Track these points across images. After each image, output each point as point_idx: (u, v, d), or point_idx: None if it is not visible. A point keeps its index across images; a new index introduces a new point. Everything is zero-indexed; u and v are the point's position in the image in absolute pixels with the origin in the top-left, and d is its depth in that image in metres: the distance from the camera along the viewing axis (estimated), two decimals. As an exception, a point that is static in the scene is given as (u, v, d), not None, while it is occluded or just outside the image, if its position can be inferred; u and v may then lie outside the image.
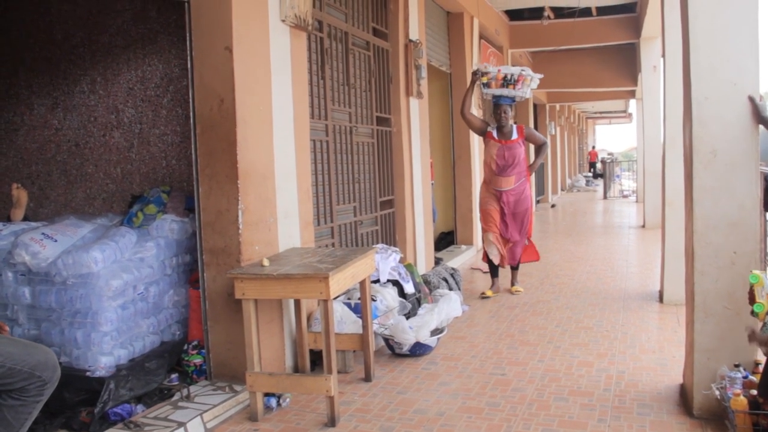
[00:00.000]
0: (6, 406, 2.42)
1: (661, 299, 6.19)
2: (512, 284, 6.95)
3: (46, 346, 2.59)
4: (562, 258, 9.09)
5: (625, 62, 16.02)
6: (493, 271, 6.86)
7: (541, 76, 6.60)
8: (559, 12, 12.46)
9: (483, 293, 6.73)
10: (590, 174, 31.89)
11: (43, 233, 4.10)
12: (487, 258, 6.81)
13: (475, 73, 6.55)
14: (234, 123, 3.95)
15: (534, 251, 7.01)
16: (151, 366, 4.05)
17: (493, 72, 6.46)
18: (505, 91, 6.48)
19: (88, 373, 3.84)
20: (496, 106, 6.57)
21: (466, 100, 6.63)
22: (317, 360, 4.46)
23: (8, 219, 4.52)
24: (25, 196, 4.58)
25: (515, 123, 6.79)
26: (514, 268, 6.94)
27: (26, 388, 2.43)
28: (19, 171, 5.77)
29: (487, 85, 6.51)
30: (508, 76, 6.42)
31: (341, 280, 3.67)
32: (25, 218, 4.59)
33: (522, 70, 6.47)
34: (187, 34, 4.07)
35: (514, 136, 6.55)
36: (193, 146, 4.10)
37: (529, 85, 6.52)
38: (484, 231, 6.73)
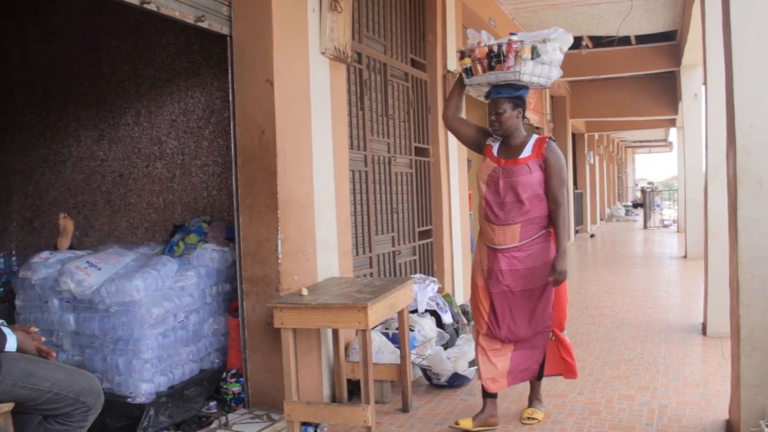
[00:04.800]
0: (52, 430, 2.46)
1: (704, 332, 6.05)
2: (529, 403, 4.13)
3: (90, 373, 2.64)
4: (602, 289, 8.96)
5: (665, 91, 15.89)
6: (485, 390, 3.99)
7: (556, 34, 3.80)
8: (598, 41, 12.44)
9: (455, 423, 3.96)
10: (629, 204, 31.48)
11: (87, 261, 4.20)
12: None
13: (462, 55, 3.95)
14: (274, 154, 4.01)
15: (568, 359, 4.01)
16: (190, 393, 4.09)
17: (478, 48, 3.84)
18: (491, 77, 3.82)
19: (129, 400, 3.88)
20: (490, 104, 3.96)
21: (451, 99, 4.10)
22: (355, 390, 4.44)
23: (55, 247, 4.65)
24: (71, 226, 4.71)
25: (534, 133, 4.17)
26: (536, 378, 4.09)
27: (71, 413, 2.47)
28: (66, 201, 5.93)
29: (470, 71, 3.90)
30: (495, 49, 3.75)
31: (380, 310, 3.68)
32: (71, 247, 4.71)
33: (513, 35, 3.79)
34: (229, 67, 4.17)
35: (526, 153, 3.81)
36: (233, 177, 4.18)
37: (532, 59, 3.71)
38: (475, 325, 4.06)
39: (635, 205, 30.45)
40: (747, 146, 3.45)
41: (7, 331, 2.37)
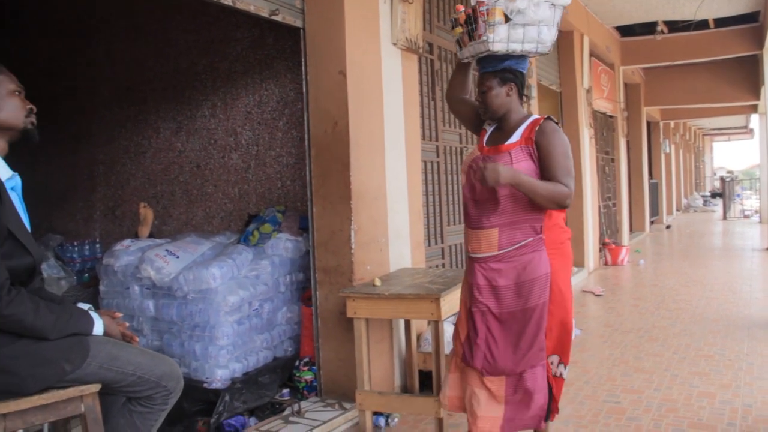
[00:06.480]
0: (136, 412, 2.55)
1: (791, 328, 5.81)
2: None
3: (170, 358, 2.72)
4: (679, 282, 8.69)
5: (745, 75, 15.23)
6: None
7: None
8: (674, 26, 12.02)
9: None
10: (707, 193, 30.45)
11: (166, 250, 4.33)
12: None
13: (453, 24, 3.18)
14: (347, 145, 4.04)
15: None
16: (264, 380, 4.18)
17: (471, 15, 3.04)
18: (470, 49, 3.05)
19: (205, 385, 4.00)
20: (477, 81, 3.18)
21: (453, 77, 3.42)
22: (426, 381, 4.45)
23: (136, 236, 4.82)
24: (151, 215, 4.87)
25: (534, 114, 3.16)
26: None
27: (153, 396, 2.54)
28: (145, 191, 6.13)
29: (459, 43, 3.15)
30: (469, 15, 3.02)
31: (452, 301, 3.66)
32: (151, 235, 4.87)
33: None
34: (303, 60, 4.22)
35: (513, 138, 2.97)
36: (307, 167, 4.23)
37: (506, 22, 2.89)
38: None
39: (714, 195, 29.42)
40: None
41: (94, 315, 2.45)
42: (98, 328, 2.44)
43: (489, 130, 3.15)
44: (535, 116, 3.05)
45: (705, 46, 12.70)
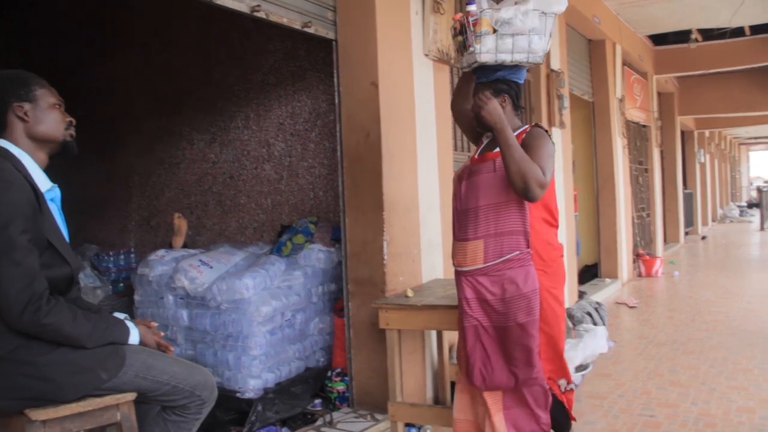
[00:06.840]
0: (170, 421, 2.57)
1: (832, 342, 5.66)
2: None
3: (204, 368, 2.74)
4: (715, 294, 8.53)
5: (783, 83, 14.97)
6: None
7: None
8: (708, 34, 11.86)
9: None
10: (744, 204, 29.92)
11: (200, 260, 4.37)
12: None
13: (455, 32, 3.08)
14: (380, 156, 4.05)
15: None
16: (296, 390, 4.18)
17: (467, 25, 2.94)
18: (464, 60, 3.01)
19: (237, 394, 4.02)
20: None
21: (458, 86, 3.34)
22: (458, 392, 4.42)
23: (170, 246, 4.87)
24: (185, 225, 4.92)
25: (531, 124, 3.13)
26: None
27: (187, 405, 2.56)
28: (179, 201, 6.21)
29: (459, 51, 3.08)
30: (462, 24, 2.94)
31: (484, 313, 3.63)
32: (185, 245, 4.92)
33: (470, 4, 2.94)
34: (335, 71, 4.24)
35: None
36: (339, 178, 4.24)
37: (493, 32, 2.84)
38: None
39: (750, 206, 28.92)
40: None
41: (130, 325, 2.48)
42: (134, 337, 2.47)
43: (485, 141, 3.11)
44: (526, 126, 3.03)
45: (741, 54, 12.50)
